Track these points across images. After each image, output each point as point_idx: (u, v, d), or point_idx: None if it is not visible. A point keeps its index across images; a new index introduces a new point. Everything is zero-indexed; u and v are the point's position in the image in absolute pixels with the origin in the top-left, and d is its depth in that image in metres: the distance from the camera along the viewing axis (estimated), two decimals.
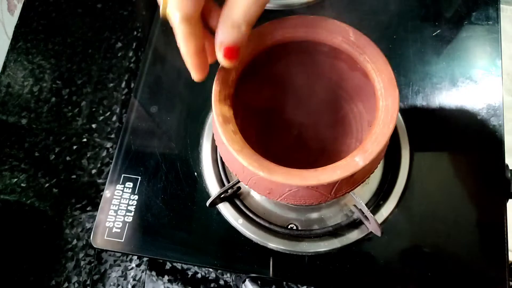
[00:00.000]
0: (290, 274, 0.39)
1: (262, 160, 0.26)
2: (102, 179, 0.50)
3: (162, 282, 0.44)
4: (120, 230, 0.40)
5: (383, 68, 0.27)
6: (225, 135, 0.26)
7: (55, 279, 0.46)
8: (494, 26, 0.48)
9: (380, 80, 0.27)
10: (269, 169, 0.25)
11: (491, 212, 0.40)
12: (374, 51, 0.28)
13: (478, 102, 0.44)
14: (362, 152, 0.26)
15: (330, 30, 0.29)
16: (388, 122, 0.26)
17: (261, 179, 0.26)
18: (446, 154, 0.42)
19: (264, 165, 0.25)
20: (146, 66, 0.48)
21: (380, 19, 0.49)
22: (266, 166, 0.25)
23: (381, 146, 0.26)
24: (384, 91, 0.27)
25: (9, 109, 0.53)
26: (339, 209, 0.41)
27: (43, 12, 0.57)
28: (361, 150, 0.26)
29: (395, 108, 0.26)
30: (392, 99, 0.27)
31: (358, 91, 0.34)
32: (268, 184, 0.28)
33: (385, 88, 0.27)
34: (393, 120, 0.26)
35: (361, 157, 0.25)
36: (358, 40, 0.28)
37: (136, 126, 0.45)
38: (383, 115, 0.26)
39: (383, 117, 0.26)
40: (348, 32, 0.28)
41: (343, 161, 0.26)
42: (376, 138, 0.26)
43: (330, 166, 0.26)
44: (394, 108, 0.26)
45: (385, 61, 0.28)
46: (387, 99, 0.27)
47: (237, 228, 0.40)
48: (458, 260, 0.39)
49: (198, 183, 0.42)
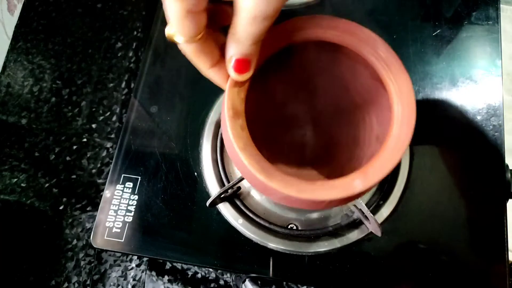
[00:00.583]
0: (290, 274, 0.39)
1: (263, 162, 0.25)
2: (102, 179, 0.50)
3: (162, 282, 0.44)
4: (120, 230, 0.40)
5: (405, 93, 0.26)
6: (232, 130, 0.26)
7: (55, 279, 0.46)
8: (494, 26, 0.48)
9: (400, 106, 0.26)
10: (269, 174, 0.25)
11: (491, 212, 0.40)
12: (401, 72, 0.27)
13: (478, 102, 0.44)
14: (364, 176, 0.25)
15: (359, 38, 0.28)
16: (396, 151, 0.25)
17: (260, 180, 0.26)
18: (446, 154, 0.42)
19: (264, 168, 0.25)
20: (146, 66, 0.48)
21: (380, 19, 0.49)
22: (266, 170, 0.25)
23: (384, 173, 0.25)
24: (400, 118, 0.26)
25: (9, 109, 0.53)
26: (339, 209, 0.41)
27: (43, 12, 0.57)
28: (363, 174, 0.25)
29: (407, 139, 0.25)
30: (407, 129, 0.25)
31: (374, 102, 0.33)
32: (266, 186, 0.28)
33: (402, 115, 0.26)
34: (401, 151, 0.25)
35: (361, 182, 0.25)
36: (387, 57, 0.27)
37: (136, 126, 0.45)
38: (393, 143, 0.26)
39: (393, 145, 0.25)
40: (377, 45, 0.27)
41: (342, 180, 0.25)
42: (381, 165, 0.25)
43: (329, 184, 0.25)
44: (406, 138, 0.25)
45: (410, 88, 0.26)
46: (402, 128, 0.26)
47: (237, 228, 0.40)
48: (458, 260, 0.39)
49: (198, 183, 0.42)
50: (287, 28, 0.28)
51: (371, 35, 0.27)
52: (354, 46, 0.28)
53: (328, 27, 0.28)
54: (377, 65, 0.28)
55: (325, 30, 0.28)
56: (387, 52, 0.27)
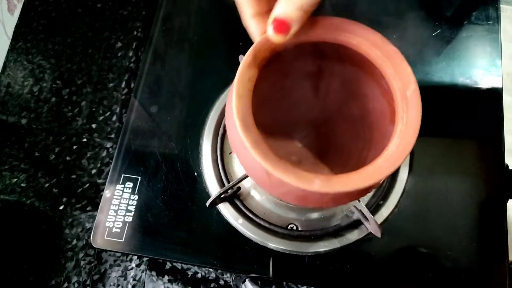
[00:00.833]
0: (290, 274, 0.39)
1: (262, 144, 0.25)
2: (102, 179, 0.50)
3: (162, 282, 0.44)
4: (120, 230, 0.40)
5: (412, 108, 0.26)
6: (237, 111, 0.25)
7: (55, 279, 0.46)
8: (494, 26, 0.48)
9: (404, 121, 0.26)
10: (265, 154, 0.24)
11: (491, 212, 0.40)
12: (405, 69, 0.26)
13: (478, 102, 0.44)
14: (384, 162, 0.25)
15: (384, 52, 0.27)
16: (391, 164, 0.25)
17: (252, 158, 0.25)
18: (445, 154, 0.42)
19: (261, 149, 0.24)
20: (146, 66, 0.48)
21: (380, 19, 0.49)
22: (264, 151, 0.24)
23: (372, 182, 0.24)
24: (404, 131, 0.26)
25: (9, 109, 0.53)
26: (339, 209, 0.41)
27: (43, 12, 0.57)
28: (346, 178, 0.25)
29: (406, 152, 0.25)
30: (407, 142, 0.25)
31: (377, 115, 0.33)
32: (256, 166, 0.27)
33: (405, 130, 0.26)
34: (396, 164, 0.25)
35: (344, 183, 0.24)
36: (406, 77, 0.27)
37: (136, 126, 0.45)
38: (389, 154, 0.25)
39: (390, 156, 0.25)
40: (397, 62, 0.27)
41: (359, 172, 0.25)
42: (373, 172, 0.25)
43: (346, 175, 0.25)
44: (405, 151, 0.25)
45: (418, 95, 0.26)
46: (402, 141, 0.25)
47: (237, 228, 0.40)
48: (458, 260, 0.39)
49: (198, 183, 0.42)
50: (322, 24, 0.28)
51: (396, 51, 0.27)
52: (375, 61, 0.27)
53: (358, 34, 0.27)
54: (394, 86, 0.27)
55: (355, 38, 0.27)
56: (406, 71, 0.27)
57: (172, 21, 0.50)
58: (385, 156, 0.25)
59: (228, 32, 0.49)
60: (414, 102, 0.25)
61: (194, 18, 0.50)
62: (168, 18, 0.50)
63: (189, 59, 0.48)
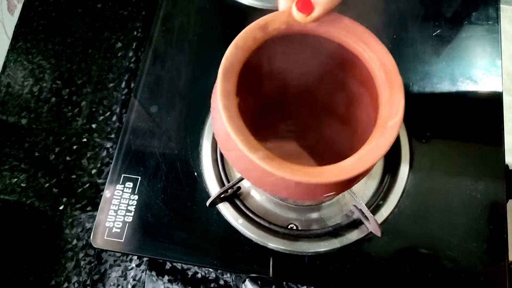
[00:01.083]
0: (290, 274, 0.39)
1: (245, 130, 0.25)
2: (102, 179, 0.50)
3: (162, 282, 0.44)
4: (120, 230, 0.40)
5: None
6: (221, 91, 0.25)
7: (55, 279, 0.46)
8: (494, 26, 0.48)
9: (371, 145, 0.26)
10: (248, 140, 0.24)
11: (491, 212, 0.40)
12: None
13: (478, 102, 0.44)
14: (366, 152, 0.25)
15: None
16: (387, 139, 0.25)
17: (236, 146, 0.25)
18: (446, 153, 0.42)
19: (244, 136, 0.24)
20: (146, 66, 0.48)
21: (380, 19, 0.49)
22: (252, 143, 0.24)
23: (349, 176, 0.25)
24: (364, 154, 0.26)
25: (9, 109, 0.53)
26: (339, 209, 0.41)
27: (43, 12, 0.57)
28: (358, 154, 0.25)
29: (385, 149, 0.25)
30: (362, 163, 0.25)
31: (364, 99, 0.33)
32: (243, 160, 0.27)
33: (365, 154, 0.26)
34: (373, 161, 0.25)
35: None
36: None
37: (136, 126, 0.45)
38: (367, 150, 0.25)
39: (369, 151, 0.25)
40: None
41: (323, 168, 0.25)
42: (347, 169, 0.25)
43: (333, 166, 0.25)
44: (383, 149, 0.25)
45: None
46: (359, 161, 0.25)
47: (237, 228, 0.40)
48: (458, 260, 0.39)
49: (198, 183, 0.42)
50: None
51: (398, 78, 0.27)
52: (378, 83, 0.28)
53: (372, 49, 0.28)
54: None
55: (368, 52, 0.28)
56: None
57: (172, 21, 0.50)
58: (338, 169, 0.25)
59: (228, 32, 0.49)
60: (390, 133, 0.25)
61: (194, 18, 0.50)
62: (168, 18, 0.50)
63: (189, 59, 0.48)
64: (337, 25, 0.28)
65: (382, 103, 0.27)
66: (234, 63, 0.26)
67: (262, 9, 0.50)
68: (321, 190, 0.29)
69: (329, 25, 0.28)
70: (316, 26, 0.28)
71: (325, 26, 0.28)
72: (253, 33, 0.27)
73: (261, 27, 0.27)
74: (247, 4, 0.50)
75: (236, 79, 0.26)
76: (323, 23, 0.28)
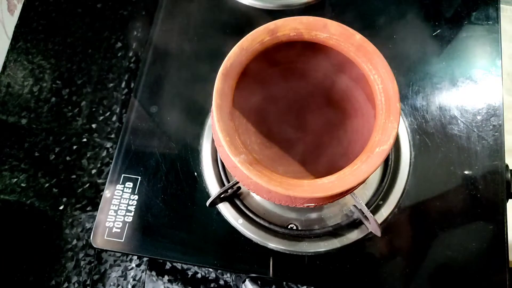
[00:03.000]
0: (290, 274, 0.39)
1: (232, 131, 0.25)
2: (102, 179, 0.50)
3: (162, 282, 0.44)
4: (120, 230, 0.40)
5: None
6: (218, 89, 0.25)
7: (55, 279, 0.46)
8: (494, 26, 0.48)
9: (354, 168, 0.26)
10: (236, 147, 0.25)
11: (491, 212, 0.40)
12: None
13: (478, 102, 0.44)
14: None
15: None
16: (370, 165, 0.25)
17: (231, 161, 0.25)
18: (445, 154, 0.42)
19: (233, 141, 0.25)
20: (146, 66, 0.48)
21: (380, 19, 0.49)
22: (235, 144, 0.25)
23: (347, 187, 0.25)
24: (343, 175, 0.26)
25: (9, 109, 0.53)
26: (339, 209, 0.41)
27: (43, 12, 0.57)
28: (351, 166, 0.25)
29: (366, 175, 0.25)
30: (344, 183, 0.25)
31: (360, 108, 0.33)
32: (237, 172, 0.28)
33: (344, 174, 0.26)
34: (352, 184, 0.25)
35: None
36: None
37: (136, 126, 0.45)
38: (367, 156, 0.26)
39: (368, 158, 0.26)
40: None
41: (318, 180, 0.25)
42: (324, 188, 0.25)
43: (308, 183, 0.25)
44: (364, 174, 0.25)
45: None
46: (339, 180, 0.26)
47: (237, 228, 0.40)
48: (458, 260, 0.39)
49: (198, 183, 0.42)
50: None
51: (396, 107, 0.27)
52: (378, 107, 0.28)
53: (377, 71, 0.28)
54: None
55: (373, 73, 0.27)
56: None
57: (172, 21, 0.50)
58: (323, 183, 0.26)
59: (228, 32, 0.49)
60: (375, 160, 0.26)
61: (194, 18, 0.50)
62: (168, 18, 0.50)
63: (189, 59, 0.48)
64: (348, 40, 0.28)
65: (376, 127, 0.27)
66: (236, 64, 0.26)
67: (262, 9, 0.50)
68: (299, 201, 0.29)
69: (340, 38, 0.28)
70: (327, 38, 0.28)
71: (335, 39, 0.28)
72: (261, 36, 0.26)
73: (270, 31, 0.27)
74: (247, 4, 0.50)
75: (236, 80, 0.26)
76: (334, 36, 0.28)
